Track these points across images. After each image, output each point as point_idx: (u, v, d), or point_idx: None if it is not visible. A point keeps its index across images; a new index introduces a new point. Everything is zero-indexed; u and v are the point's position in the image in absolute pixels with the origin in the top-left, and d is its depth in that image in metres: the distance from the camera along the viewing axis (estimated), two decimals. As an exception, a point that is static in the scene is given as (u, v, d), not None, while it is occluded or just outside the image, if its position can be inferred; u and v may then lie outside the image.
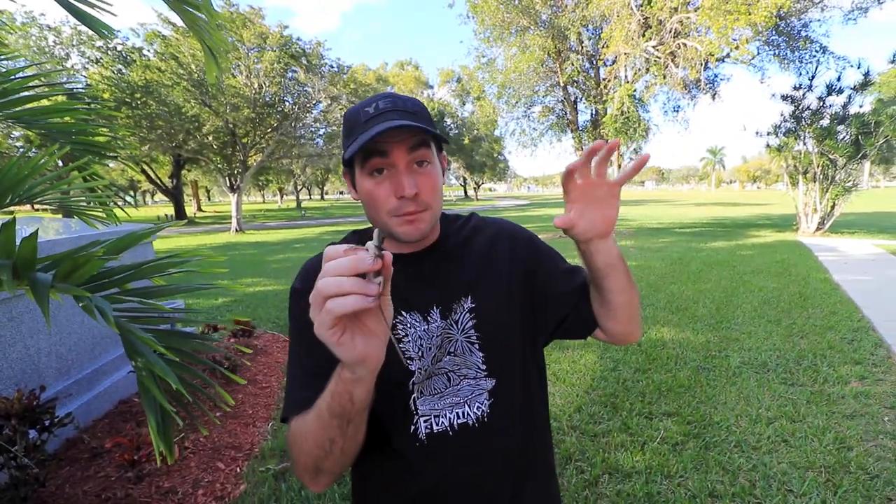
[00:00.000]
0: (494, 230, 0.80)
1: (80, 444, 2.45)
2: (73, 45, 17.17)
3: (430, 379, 0.68)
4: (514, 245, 0.78)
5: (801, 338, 3.99)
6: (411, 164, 0.64)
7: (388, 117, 0.63)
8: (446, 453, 0.67)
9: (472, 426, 0.68)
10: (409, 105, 0.66)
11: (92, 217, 1.56)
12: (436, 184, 0.66)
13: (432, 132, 0.63)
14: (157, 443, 0.74)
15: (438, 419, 0.67)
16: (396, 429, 0.68)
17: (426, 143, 0.64)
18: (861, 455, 2.28)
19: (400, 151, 0.62)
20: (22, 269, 0.79)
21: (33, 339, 2.45)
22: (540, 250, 0.80)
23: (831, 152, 11.08)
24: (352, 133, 0.65)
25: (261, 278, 7.66)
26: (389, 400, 0.67)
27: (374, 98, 0.67)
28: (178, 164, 26.67)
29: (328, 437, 0.55)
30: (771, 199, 36.95)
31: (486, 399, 0.69)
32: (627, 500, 2.03)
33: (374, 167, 0.63)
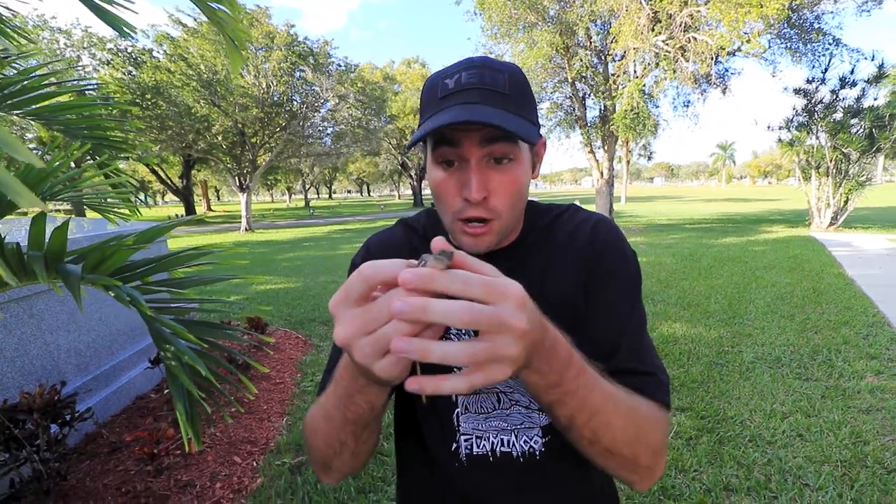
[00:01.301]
0: (579, 221, 0.64)
1: (99, 438, 2.50)
2: (84, 48, 17.39)
3: (478, 396, 0.60)
4: (596, 243, 0.62)
5: (815, 333, 3.95)
6: (486, 160, 0.52)
7: (466, 98, 0.51)
8: (485, 478, 0.60)
9: (516, 458, 0.60)
10: (500, 81, 0.52)
11: (115, 214, 1.59)
12: (514, 187, 0.54)
13: (513, 131, 0.48)
14: (185, 429, 0.76)
15: (480, 441, 0.60)
16: (436, 443, 0.63)
17: (509, 136, 0.51)
18: (878, 449, 2.25)
19: (472, 143, 0.51)
20: (51, 261, 0.81)
21: (53, 336, 2.50)
22: (620, 276, 0.61)
23: (845, 146, 10.90)
24: (426, 110, 0.55)
25: (272, 276, 7.73)
26: (431, 410, 0.62)
27: (459, 65, 0.54)
28: (188, 165, 26.95)
29: (339, 439, 0.51)
30: (782, 195, 36.48)
31: (538, 435, 0.60)
32: (642, 493, 2.03)
33: (443, 157, 0.53)
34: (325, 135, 21.50)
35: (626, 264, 0.62)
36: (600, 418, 0.44)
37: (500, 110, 0.50)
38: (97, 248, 0.86)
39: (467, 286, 0.33)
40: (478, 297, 0.33)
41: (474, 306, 0.32)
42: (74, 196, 1.66)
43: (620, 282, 0.60)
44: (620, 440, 0.46)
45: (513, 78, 0.54)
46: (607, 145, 13.07)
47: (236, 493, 2.11)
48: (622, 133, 11.29)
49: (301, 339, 4.27)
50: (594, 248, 0.61)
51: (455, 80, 0.52)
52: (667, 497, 2.00)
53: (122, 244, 0.80)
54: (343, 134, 20.97)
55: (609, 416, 0.45)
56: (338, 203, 54.39)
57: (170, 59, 16.08)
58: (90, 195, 1.76)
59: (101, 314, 2.89)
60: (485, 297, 0.33)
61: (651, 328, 4.24)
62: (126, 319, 3.11)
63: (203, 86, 15.73)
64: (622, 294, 0.60)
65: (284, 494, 2.09)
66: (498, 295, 0.33)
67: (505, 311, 0.33)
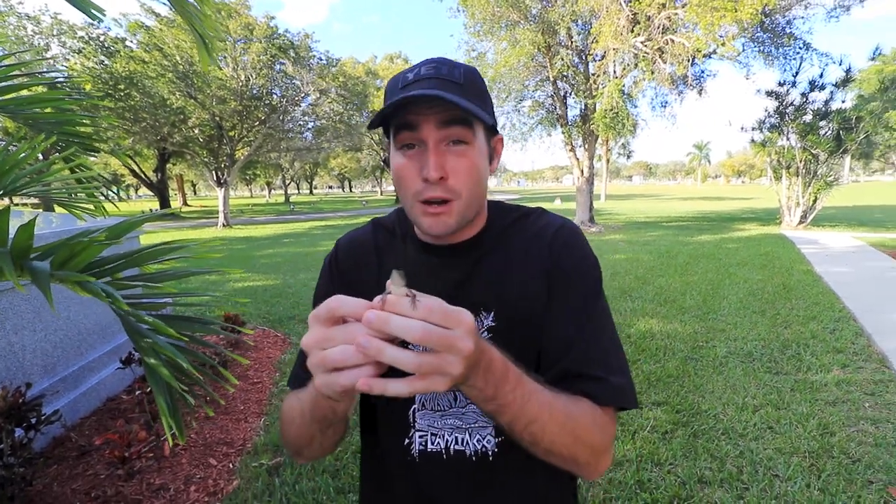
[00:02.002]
0: (542, 226, 0.65)
1: (67, 442, 2.42)
2: (54, 35, 16.69)
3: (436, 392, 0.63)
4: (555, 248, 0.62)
5: (785, 328, 4.08)
6: (443, 142, 0.55)
7: (425, 85, 0.54)
8: (438, 475, 0.62)
9: (468, 457, 0.61)
10: (456, 73, 0.56)
11: (80, 210, 1.53)
12: (472, 170, 0.56)
13: (468, 109, 0.51)
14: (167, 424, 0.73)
15: (435, 438, 0.62)
16: (391, 438, 0.65)
17: (465, 121, 0.54)
18: (843, 440, 2.34)
19: (429, 125, 0.53)
20: (17, 258, 0.78)
21: (18, 336, 2.40)
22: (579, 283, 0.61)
23: (813, 147, 11.29)
24: (387, 100, 0.57)
25: (250, 273, 7.59)
26: (388, 406, 0.64)
27: (420, 63, 0.58)
28: (163, 158, 26.20)
29: (309, 434, 0.57)
30: (755, 194, 37.57)
31: (491, 434, 0.61)
32: (619, 487, 2.06)
33: (403, 142, 0.56)
34: (305, 129, 21.17)
35: (587, 270, 0.62)
36: (537, 425, 0.48)
37: (457, 96, 0.53)
38: (65, 244, 0.83)
39: (430, 312, 0.38)
40: (437, 321, 0.38)
41: (429, 326, 0.37)
42: (41, 191, 1.59)
43: (579, 287, 0.61)
44: (558, 443, 0.50)
45: (468, 73, 0.57)
46: (588, 144, 13.23)
47: (212, 496, 2.07)
48: (602, 132, 11.44)
49: (280, 338, 4.21)
50: (555, 253, 0.62)
51: (415, 73, 0.56)
52: (643, 490, 2.04)
53: (93, 239, 0.77)
54: (324, 129, 20.68)
55: (545, 423, 0.49)
56: (319, 199, 53.69)
57: (144, 48, 15.57)
58: (58, 190, 1.69)
59: (69, 313, 2.79)
60: (442, 322, 0.38)
61: (628, 324, 4.32)
62: (96, 318, 3.01)
63: (179, 77, 15.29)
64: (580, 299, 0.60)
65: (262, 496, 2.06)
66: (454, 321, 0.39)
67: (456, 334, 0.38)
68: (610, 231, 12.85)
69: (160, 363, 0.72)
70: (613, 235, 11.76)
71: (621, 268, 7.11)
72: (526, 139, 14.33)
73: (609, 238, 11.23)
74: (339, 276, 0.69)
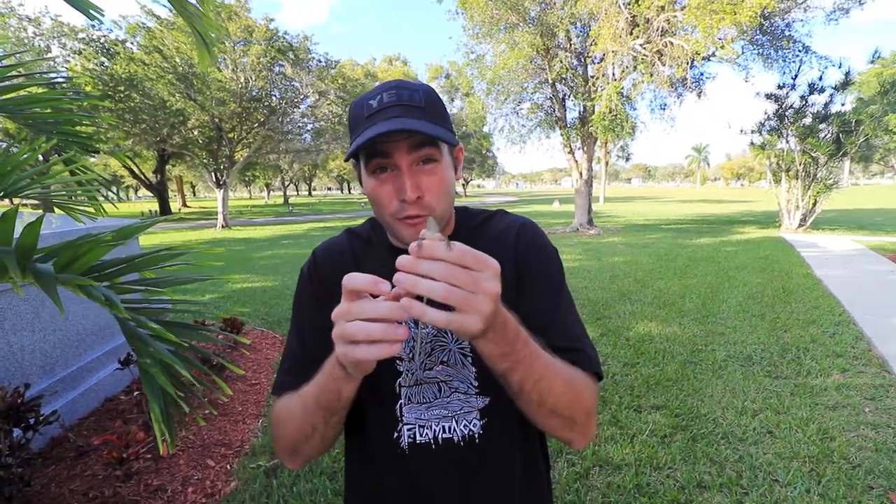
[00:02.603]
0: (505, 226, 0.72)
1: (65, 442, 2.41)
2: (54, 37, 16.72)
3: (420, 386, 0.65)
4: (520, 246, 0.69)
5: (785, 332, 4.08)
6: (415, 164, 0.59)
7: (390, 113, 0.58)
8: (428, 466, 0.65)
9: (457, 443, 0.65)
10: (417, 98, 0.60)
11: (80, 212, 1.52)
12: (442, 185, 0.61)
13: (434, 135, 0.57)
14: (159, 430, 0.73)
15: (423, 430, 0.65)
16: (379, 432, 0.67)
17: (432, 142, 0.59)
18: (843, 445, 2.34)
19: (401, 152, 0.58)
20: (21, 260, 0.77)
21: (17, 337, 2.40)
22: (548, 269, 0.69)
23: (813, 150, 11.31)
24: (354, 129, 0.62)
25: (249, 275, 7.58)
26: (376, 399, 0.66)
27: (379, 89, 0.62)
28: (163, 159, 26.19)
29: (311, 424, 0.59)
30: (754, 197, 37.62)
31: (476, 419, 0.65)
32: (617, 491, 2.06)
33: (376, 166, 0.60)
34: (304, 131, 21.17)
35: (550, 263, 0.69)
36: (544, 383, 0.53)
37: (420, 120, 0.58)
38: (69, 246, 0.82)
39: (463, 254, 0.41)
40: (469, 263, 0.41)
41: (455, 268, 0.40)
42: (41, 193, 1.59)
43: (546, 278, 0.68)
44: (562, 401, 0.55)
45: (426, 94, 0.62)
46: (586, 146, 13.25)
47: (209, 497, 2.06)
48: (601, 134, 11.46)
49: (278, 339, 4.20)
50: (520, 249, 0.68)
51: (377, 100, 0.60)
52: (641, 494, 2.04)
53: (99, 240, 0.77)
54: (323, 130, 20.67)
55: (551, 381, 0.54)
56: (317, 200, 53.67)
57: (144, 50, 15.58)
58: (57, 192, 1.69)
59: (68, 313, 2.78)
60: (474, 264, 0.41)
61: (627, 327, 4.32)
62: (94, 319, 3.00)
63: (178, 79, 15.30)
64: (548, 288, 0.67)
65: (259, 498, 2.05)
66: (484, 265, 0.42)
67: (486, 276, 0.42)
68: (609, 233, 12.86)
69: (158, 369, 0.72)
70: (612, 238, 11.76)
71: (620, 270, 7.11)
72: (525, 141, 14.34)
73: (608, 240, 11.23)
74: (320, 282, 0.71)
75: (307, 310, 0.71)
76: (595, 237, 12.09)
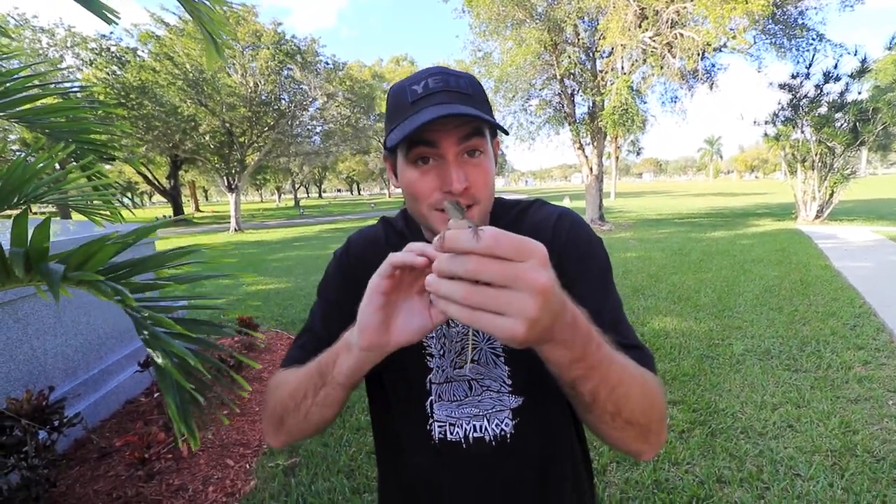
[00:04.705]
0: (543, 217, 0.67)
1: (88, 444, 2.46)
2: (67, 47, 17.07)
3: (451, 384, 0.63)
4: (559, 237, 0.64)
5: (804, 325, 4.01)
6: (461, 155, 0.56)
7: (438, 99, 0.55)
8: (459, 463, 0.63)
9: (488, 443, 0.62)
10: (463, 84, 0.57)
11: (98, 216, 1.56)
12: (488, 176, 0.58)
13: (490, 120, 0.54)
14: (178, 426, 0.74)
15: (454, 428, 0.63)
16: (412, 428, 0.65)
17: (480, 131, 0.56)
18: (867, 438, 2.29)
19: (450, 141, 0.55)
20: (34, 261, 0.79)
21: (40, 341, 2.46)
22: (591, 261, 0.63)
23: (829, 140, 11.07)
24: (396, 115, 0.58)
25: (262, 277, 7.66)
26: (406, 396, 0.65)
27: (422, 74, 0.58)
28: (176, 165, 26.60)
29: (303, 389, 0.56)
30: (769, 189, 36.96)
31: (508, 418, 0.62)
32: (636, 487, 2.04)
33: (419, 156, 0.56)
34: (314, 134, 21.35)
35: (594, 251, 0.64)
36: (621, 390, 0.45)
37: (470, 107, 0.54)
38: (82, 248, 0.84)
39: (496, 242, 0.34)
40: (505, 253, 0.34)
41: (484, 259, 0.34)
42: (59, 199, 1.63)
43: (591, 268, 0.63)
44: (638, 410, 0.48)
45: (472, 82, 0.59)
46: (596, 141, 13.14)
47: (229, 496, 2.09)
48: (611, 129, 11.35)
49: (292, 340, 4.24)
50: (560, 240, 0.63)
51: (423, 84, 0.56)
52: (660, 490, 2.02)
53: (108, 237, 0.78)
54: (332, 132, 20.82)
55: (627, 387, 0.46)
56: (328, 202, 54.03)
57: (155, 58, 15.83)
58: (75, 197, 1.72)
59: (89, 318, 2.84)
60: (512, 254, 0.34)
61: (642, 322, 4.27)
62: (114, 322, 3.06)
63: (189, 85, 15.52)
64: (595, 279, 0.62)
65: (278, 496, 2.07)
66: (525, 252, 0.34)
67: (525, 266, 0.34)
68: (620, 229, 12.74)
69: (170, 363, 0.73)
70: (624, 233, 11.65)
71: (633, 266, 7.04)
72: (534, 138, 14.27)
73: (620, 236, 11.13)
74: (351, 269, 0.69)
75: (334, 293, 0.69)
76: (607, 233, 11.98)
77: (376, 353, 0.49)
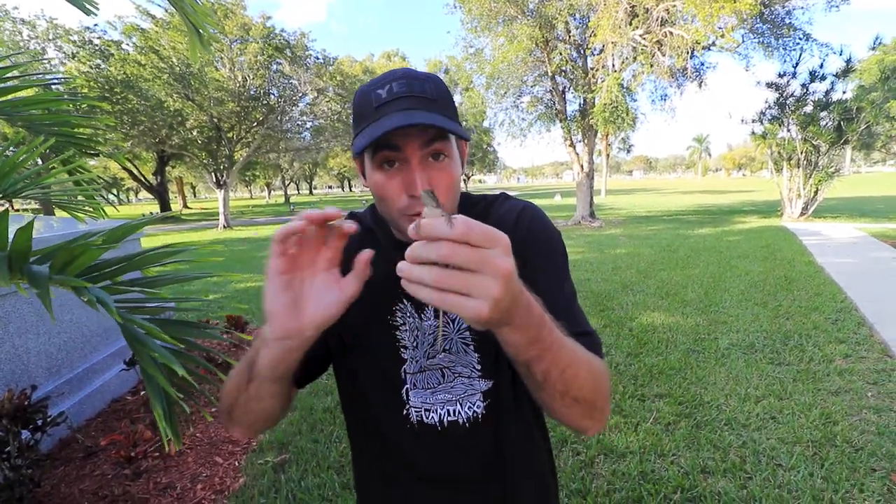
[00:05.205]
0: (505, 211, 0.70)
1: (73, 443, 2.43)
2: (49, 40, 16.69)
3: (424, 373, 0.66)
4: (520, 230, 0.67)
5: (787, 319, 4.08)
6: (425, 158, 0.57)
7: (402, 105, 0.56)
8: (435, 444, 0.67)
9: (461, 425, 0.66)
10: (428, 89, 0.58)
11: (81, 212, 1.53)
12: (452, 180, 0.59)
13: (451, 130, 0.55)
14: (164, 429, 0.74)
15: (429, 413, 0.66)
16: (388, 414, 0.68)
17: (444, 135, 0.57)
18: (846, 429, 2.35)
19: (414, 146, 0.56)
20: (16, 262, 0.78)
21: (22, 339, 2.42)
22: (550, 252, 0.67)
23: (814, 138, 11.25)
24: (361, 119, 0.59)
25: (251, 274, 7.60)
26: (382, 385, 0.68)
27: (387, 77, 0.59)
28: (162, 161, 26.21)
29: (237, 383, 0.57)
30: (756, 186, 37.49)
31: (479, 400, 0.67)
32: (622, 478, 2.07)
33: (384, 159, 0.58)
34: (304, 129, 21.14)
35: (553, 244, 0.67)
36: (570, 371, 0.50)
37: (432, 113, 0.56)
38: (65, 248, 0.83)
39: (468, 230, 0.36)
40: (475, 240, 0.36)
41: (456, 245, 0.36)
42: (40, 194, 1.60)
43: (550, 259, 0.66)
44: (585, 388, 0.52)
45: (436, 86, 0.60)
46: (587, 139, 13.20)
47: (218, 493, 2.08)
48: (601, 126, 11.41)
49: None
50: (521, 233, 0.66)
51: (387, 89, 0.57)
52: (646, 481, 2.05)
53: (91, 243, 0.77)
54: (323, 128, 20.64)
55: (576, 368, 0.50)
56: (319, 199, 53.65)
57: (140, 51, 15.55)
58: (57, 192, 1.69)
59: (73, 316, 2.80)
60: (481, 241, 0.37)
61: (630, 317, 4.32)
62: (99, 320, 3.02)
63: (176, 79, 15.27)
64: (553, 269, 0.66)
65: (268, 493, 2.07)
66: (492, 240, 0.37)
67: (492, 253, 0.37)
68: (610, 226, 12.84)
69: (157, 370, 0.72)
70: (614, 230, 11.75)
71: (622, 262, 7.10)
72: (525, 135, 14.30)
73: (610, 233, 11.22)
74: None
75: None
76: (597, 230, 12.07)
77: (295, 341, 0.49)
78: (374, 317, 0.66)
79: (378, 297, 0.64)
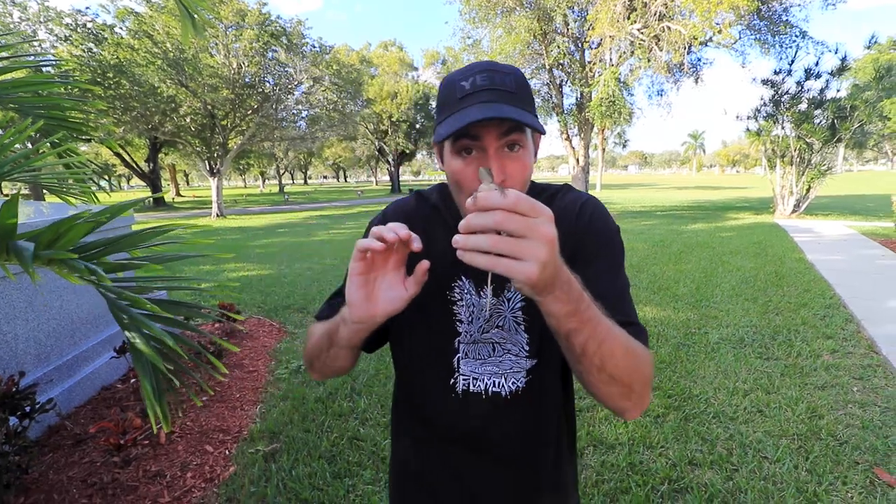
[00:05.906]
0: (569, 201, 0.74)
1: (62, 430, 2.42)
2: (41, 22, 16.34)
3: (476, 345, 0.72)
4: (582, 220, 0.70)
5: (777, 314, 4.13)
6: (501, 149, 0.61)
7: (482, 97, 0.60)
8: (478, 412, 0.72)
9: (503, 397, 0.71)
10: (508, 82, 0.62)
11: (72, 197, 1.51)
12: (525, 171, 0.63)
13: (527, 122, 0.58)
14: (151, 407, 0.73)
15: (476, 382, 0.72)
16: (437, 379, 0.74)
17: (520, 127, 0.61)
18: (831, 423, 2.39)
19: (491, 136, 0.60)
20: (1, 239, 0.77)
21: (10, 325, 2.39)
22: (608, 244, 0.70)
23: (808, 136, 11.32)
24: (445, 108, 0.64)
25: (244, 263, 7.56)
26: (435, 355, 0.73)
27: (471, 69, 0.63)
28: (155, 148, 25.86)
29: (320, 345, 0.70)
30: (750, 183, 37.72)
31: (522, 377, 0.71)
32: (611, 469, 2.10)
33: (463, 147, 0.61)
34: (299, 118, 20.94)
35: (611, 237, 0.71)
36: (606, 346, 0.53)
37: (513, 107, 0.59)
38: (51, 226, 0.82)
39: (518, 200, 0.42)
40: (523, 210, 0.42)
41: (508, 214, 0.42)
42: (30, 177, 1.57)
43: (607, 251, 0.70)
44: (622, 367, 0.55)
45: (518, 80, 0.63)
46: (583, 133, 13.20)
47: (208, 482, 2.08)
48: (598, 120, 11.41)
49: (275, 327, 4.21)
50: (583, 223, 0.70)
51: (470, 81, 0.61)
52: (635, 472, 2.07)
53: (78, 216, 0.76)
54: (318, 117, 20.47)
55: (612, 345, 0.54)
56: (313, 189, 53.32)
57: (133, 35, 15.27)
58: (47, 176, 1.67)
59: (62, 301, 2.77)
60: (528, 210, 0.42)
61: (623, 312, 4.34)
62: (89, 307, 2.99)
63: (169, 65, 15.03)
64: (609, 260, 0.69)
65: (258, 482, 2.07)
66: (538, 211, 0.43)
67: (538, 221, 0.43)
68: (605, 220, 12.87)
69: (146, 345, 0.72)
70: (608, 224, 11.78)
71: (616, 256, 7.13)
72: (521, 128, 14.23)
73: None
74: None
75: None
76: (591, 224, 12.07)
77: (368, 325, 0.60)
78: (436, 291, 0.71)
79: (440, 272, 0.69)
